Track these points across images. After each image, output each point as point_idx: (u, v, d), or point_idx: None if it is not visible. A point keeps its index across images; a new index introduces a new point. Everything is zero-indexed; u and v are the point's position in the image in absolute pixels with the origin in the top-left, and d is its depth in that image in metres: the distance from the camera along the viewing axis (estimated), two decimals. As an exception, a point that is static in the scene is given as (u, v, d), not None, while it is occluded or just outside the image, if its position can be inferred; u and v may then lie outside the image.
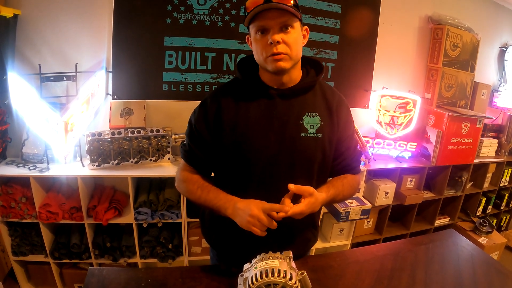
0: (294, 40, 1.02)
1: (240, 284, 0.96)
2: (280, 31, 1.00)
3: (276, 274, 0.89)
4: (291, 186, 0.99)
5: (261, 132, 1.08)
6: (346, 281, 1.15)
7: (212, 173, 1.23)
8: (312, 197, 1.00)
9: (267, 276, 0.89)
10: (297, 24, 1.03)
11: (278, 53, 1.00)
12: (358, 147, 1.26)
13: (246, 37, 1.12)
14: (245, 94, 1.11)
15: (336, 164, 1.19)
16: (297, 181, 1.02)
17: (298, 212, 0.97)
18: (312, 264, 1.22)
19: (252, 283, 0.90)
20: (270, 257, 0.96)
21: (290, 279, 0.90)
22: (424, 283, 1.16)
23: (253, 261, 0.98)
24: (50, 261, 2.12)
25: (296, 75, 1.11)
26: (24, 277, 2.23)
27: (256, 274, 0.90)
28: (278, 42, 0.99)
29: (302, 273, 0.94)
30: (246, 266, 1.00)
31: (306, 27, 1.10)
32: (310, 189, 1.01)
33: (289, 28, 1.01)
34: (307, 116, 1.10)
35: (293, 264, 0.97)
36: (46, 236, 2.07)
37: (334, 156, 1.17)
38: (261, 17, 0.99)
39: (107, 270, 1.13)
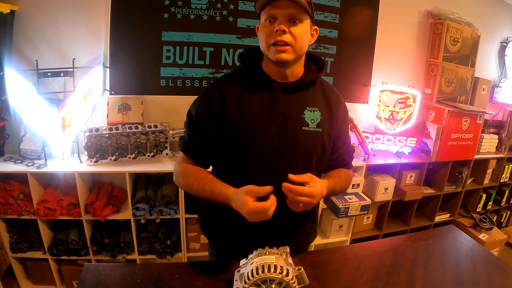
0: (301, 34, 1.02)
1: (236, 280, 0.96)
2: (288, 22, 1.00)
3: (272, 270, 0.88)
4: (292, 176, 0.98)
5: (263, 125, 1.08)
6: (344, 277, 1.14)
7: (211, 167, 1.21)
8: (317, 182, 1.00)
9: (263, 272, 0.88)
10: (307, 21, 1.04)
11: (282, 43, 1.00)
12: (353, 143, 1.28)
13: (256, 26, 1.12)
14: (248, 85, 1.11)
15: (332, 159, 1.20)
16: (297, 174, 1.01)
17: (307, 193, 0.96)
18: (310, 260, 1.22)
19: (248, 279, 0.89)
20: (267, 253, 0.95)
21: (287, 275, 0.88)
22: (423, 279, 1.15)
23: (250, 256, 0.97)
24: (48, 257, 2.11)
25: (298, 70, 1.12)
26: (23, 274, 2.23)
27: (252, 270, 0.89)
28: (284, 31, 0.99)
29: (299, 269, 0.94)
30: (242, 261, 0.99)
31: (316, 27, 1.11)
32: (308, 174, 1.01)
33: (297, 22, 1.01)
34: (308, 110, 1.11)
35: (290, 260, 0.96)
36: (44, 232, 2.07)
37: (331, 151, 1.18)
38: (272, 6, 1.00)
39: (102, 266, 1.12)
